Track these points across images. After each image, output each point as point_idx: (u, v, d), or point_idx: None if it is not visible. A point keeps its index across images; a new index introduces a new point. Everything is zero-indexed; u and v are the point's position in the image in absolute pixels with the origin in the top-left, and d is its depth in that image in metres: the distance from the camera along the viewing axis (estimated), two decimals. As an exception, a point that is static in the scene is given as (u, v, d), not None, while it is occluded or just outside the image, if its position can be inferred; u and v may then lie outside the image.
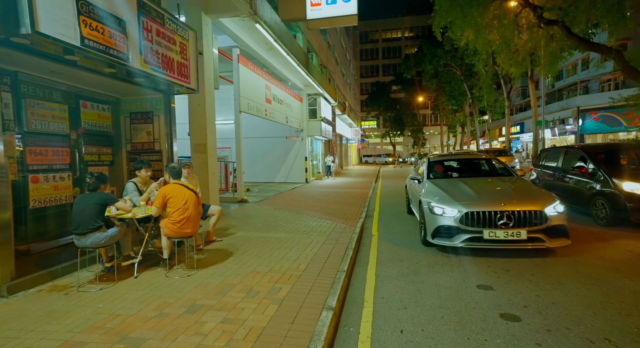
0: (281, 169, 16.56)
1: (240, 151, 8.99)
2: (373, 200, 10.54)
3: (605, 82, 29.50)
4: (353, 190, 12.86)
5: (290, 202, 9.70)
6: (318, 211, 8.09)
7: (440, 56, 36.33)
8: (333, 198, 10.62)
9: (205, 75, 6.83)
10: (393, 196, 11.35)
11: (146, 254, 4.31)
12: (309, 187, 14.09)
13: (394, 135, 64.10)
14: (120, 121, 5.52)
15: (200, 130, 6.90)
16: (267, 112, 11.16)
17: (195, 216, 3.72)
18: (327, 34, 23.82)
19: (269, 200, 9.94)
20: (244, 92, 9.21)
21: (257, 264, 4.13)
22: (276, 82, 12.33)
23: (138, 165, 4.26)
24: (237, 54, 8.87)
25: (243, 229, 6.07)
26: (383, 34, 68.21)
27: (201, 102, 6.83)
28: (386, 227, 6.54)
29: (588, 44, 12.98)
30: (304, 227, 6.22)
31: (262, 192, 12.08)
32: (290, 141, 16.33)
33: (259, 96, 10.40)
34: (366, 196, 11.28)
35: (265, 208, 8.37)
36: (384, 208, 8.90)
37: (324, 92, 16.22)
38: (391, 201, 10.23)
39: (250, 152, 16.64)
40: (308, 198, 10.59)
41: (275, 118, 12.07)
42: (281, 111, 12.79)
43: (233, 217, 7.24)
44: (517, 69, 17.80)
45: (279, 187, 14.21)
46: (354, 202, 9.62)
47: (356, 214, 7.73)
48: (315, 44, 18.84)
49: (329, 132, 18.83)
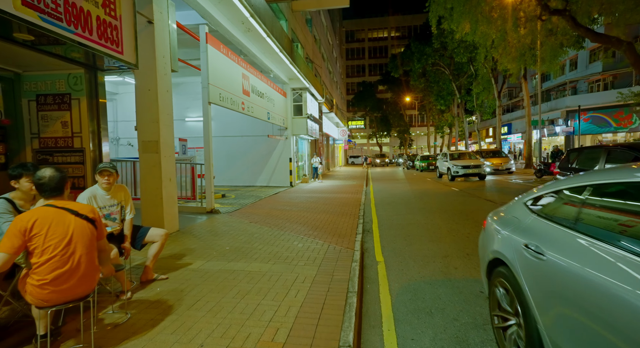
0: (263, 171, 14.95)
1: (209, 151, 7.37)
2: (368, 208, 9.10)
3: (595, 82, 29.18)
4: (343, 196, 11.40)
5: (272, 211, 8.15)
6: (304, 225, 6.57)
7: (429, 55, 35.47)
8: (322, 206, 9.12)
9: (158, 51, 5.22)
10: (390, 203, 9.94)
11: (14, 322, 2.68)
12: (294, 192, 12.55)
13: (380, 136, 63.29)
14: (20, 106, 3.85)
15: (151, 123, 5.27)
16: (245, 105, 9.57)
17: (89, 265, 2.11)
18: (313, 26, 22.34)
19: (246, 210, 8.34)
20: (214, 80, 7.60)
21: (208, 332, 2.57)
22: (256, 72, 10.74)
23: (15, 171, 2.64)
24: (206, 31, 7.25)
25: (204, 256, 4.49)
26: (369, 34, 67.36)
27: (152, 86, 5.21)
28: (393, 249, 5.08)
29: (596, 36, 11.93)
30: (287, 251, 4.70)
31: (240, 199, 10.46)
32: (273, 140, 14.75)
33: (234, 86, 8.80)
34: (359, 203, 9.84)
35: (239, 222, 6.78)
36: (383, 219, 7.46)
37: (311, 86, 14.73)
38: (389, 208, 8.81)
39: (228, 153, 14.97)
40: (293, 206, 9.06)
41: (255, 113, 10.48)
42: (262, 106, 11.21)
43: (196, 235, 5.63)
44: (515, 65, 16.79)
45: (260, 192, 12.60)
46: (346, 211, 8.15)
47: (351, 228, 6.26)
48: (301, 36, 17.33)
49: (316, 131, 17.35)
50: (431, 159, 27.59)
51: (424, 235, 5.88)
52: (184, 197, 7.66)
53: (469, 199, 10.05)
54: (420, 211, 8.32)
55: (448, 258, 4.56)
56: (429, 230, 6.26)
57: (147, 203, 5.36)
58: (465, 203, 9.35)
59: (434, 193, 11.82)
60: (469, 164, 16.34)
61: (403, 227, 6.56)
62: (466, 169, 16.16)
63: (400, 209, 8.73)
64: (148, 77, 5.20)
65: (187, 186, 7.77)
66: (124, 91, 14.99)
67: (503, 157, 20.40)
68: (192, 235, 5.61)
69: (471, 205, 8.99)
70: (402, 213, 8.08)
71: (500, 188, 12.61)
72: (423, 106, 53.74)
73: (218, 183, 14.89)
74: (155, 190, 5.30)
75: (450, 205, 9.10)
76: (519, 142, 40.12)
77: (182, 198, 7.79)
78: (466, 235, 5.73)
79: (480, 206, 8.73)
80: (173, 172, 5.63)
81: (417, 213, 8.07)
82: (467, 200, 9.81)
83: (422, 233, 6.03)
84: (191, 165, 7.63)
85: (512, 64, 16.41)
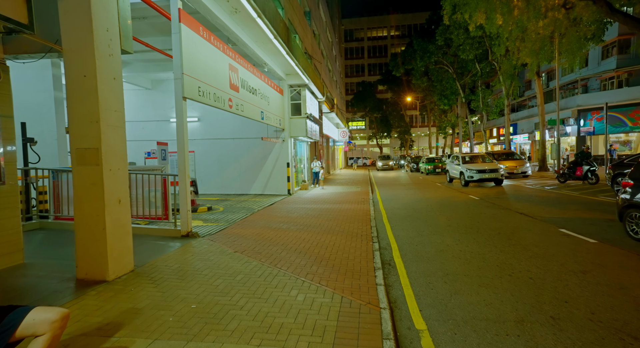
0: (257, 177, 13.40)
1: (184, 158, 5.83)
2: (380, 224, 7.56)
3: (608, 80, 27.76)
4: (349, 207, 9.87)
5: (264, 232, 6.60)
6: (305, 254, 5.03)
7: (432, 52, 34.00)
8: (325, 222, 7.58)
9: (96, 21, 3.68)
10: (405, 217, 8.39)
11: None
12: (292, 202, 11.00)
13: (380, 137, 61.80)
14: None
15: (88, 123, 3.72)
16: (233, 103, 8.03)
17: None
18: (311, 19, 20.83)
19: (233, 230, 6.79)
20: (192, 69, 6.07)
21: None
22: (247, 64, 9.21)
23: None
24: (178, 7, 5.71)
25: (151, 327, 2.93)
26: (368, 33, 66.02)
27: (89, 71, 3.67)
28: (434, 302, 3.53)
29: (637, 22, 10.48)
30: (280, 312, 3.16)
31: (228, 213, 8.90)
32: (268, 144, 13.21)
33: (218, 79, 7.26)
34: (368, 216, 8.31)
35: (220, 252, 5.23)
36: (404, 242, 5.92)
37: (310, 82, 13.20)
38: (406, 225, 7.26)
39: (219, 157, 13.42)
40: (290, 223, 7.51)
41: (246, 112, 8.95)
42: (255, 103, 9.68)
43: (155, 279, 4.08)
44: (534, 59, 15.31)
45: (254, 202, 11.05)
46: (356, 230, 6.61)
47: (366, 259, 4.74)
48: (300, 29, 15.81)
49: (316, 132, 15.82)
50: (437, 161, 26.09)
51: (468, 273, 4.35)
52: (154, 216, 6.11)
53: (498, 212, 8.53)
54: (446, 230, 6.79)
55: (524, 324, 3.02)
56: (470, 263, 4.72)
57: (83, 236, 3.81)
58: (496, 218, 7.82)
59: (452, 203, 10.29)
60: (485, 167, 14.85)
61: (434, 258, 5.02)
62: (482, 174, 14.66)
63: (421, 227, 7.20)
64: (82, 58, 3.66)
65: (157, 203, 6.20)
66: (102, 89, 13.38)
67: (517, 160, 18.93)
68: (150, 278, 4.05)
69: (505, 221, 7.47)
70: (425, 234, 6.55)
71: (526, 197, 11.10)
72: (424, 106, 52.38)
73: (207, 191, 13.34)
74: (94, 218, 3.75)
75: (480, 220, 7.57)
76: (525, 143, 38.72)
77: (151, 219, 6.23)
78: (527, 275, 4.19)
79: (518, 223, 7.20)
80: (124, 190, 4.07)
81: (443, 233, 6.54)
82: (496, 214, 8.29)
83: (464, 269, 4.49)
84: (163, 177, 6.07)
85: (530, 57, 14.91)
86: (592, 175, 13.37)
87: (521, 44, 14.62)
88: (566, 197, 10.61)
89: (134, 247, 4.46)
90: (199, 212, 9.00)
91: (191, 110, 13.46)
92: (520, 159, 19.27)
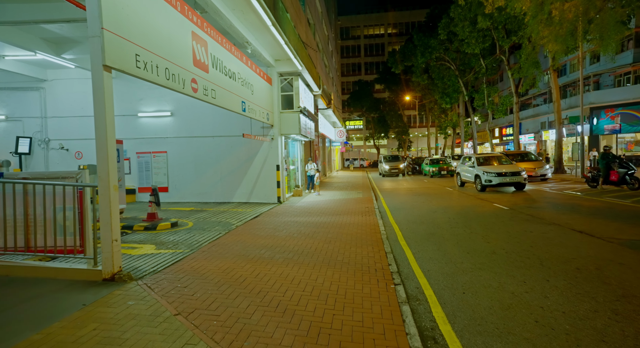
0: (242, 183, 11.33)
1: (106, 159, 3.77)
2: (397, 248, 5.53)
3: (623, 75, 26.08)
4: (352, 219, 7.86)
5: (235, 267, 4.55)
6: (292, 318, 3.00)
7: (434, 47, 32.14)
8: (322, 245, 5.55)
9: None
10: (427, 237, 6.35)
11: None
12: (281, 214, 8.95)
13: (377, 138, 59.95)
14: None
15: None
16: (199, 85, 5.98)
17: None
18: (306, 5, 18.82)
19: (190, 264, 4.73)
20: (121, 25, 4.02)
21: None
22: (221, 37, 7.17)
23: None
24: None
25: None
26: (365, 31, 64.21)
27: None
28: None
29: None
30: None
31: (197, 230, 6.83)
32: (255, 142, 11.16)
33: (174, 48, 5.22)
34: (378, 234, 6.33)
35: (148, 319, 3.18)
36: (442, 285, 3.89)
37: (304, 70, 11.17)
38: (433, 251, 5.22)
39: (197, 159, 11.36)
40: (276, 248, 5.47)
41: (220, 100, 6.90)
42: (233, 90, 7.63)
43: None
44: (560, 46, 13.43)
45: (234, 214, 8.99)
46: (365, 260, 4.59)
47: (392, 326, 2.72)
48: (292, 10, 13.79)
49: (311, 129, 13.80)
50: (442, 162, 24.15)
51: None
52: (62, 248, 4.01)
53: (547, 230, 6.55)
54: (493, 261, 4.79)
55: None
56: (583, 344, 2.72)
57: None
58: (552, 239, 5.84)
59: (479, 215, 8.31)
60: (505, 170, 12.92)
61: (506, 326, 3.01)
62: (502, 178, 12.73)
63: (454, 253, 5.19)
64: None
65: (69, 227, 4.10)
66: (55, 77, 11.31)
67: (535, 161, 17.05)
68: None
69: (569, 245, 5.48)
70: (466, 267, 4.54)
71: (567, 207, 9.15)
72: (423, 106, 50.61)
73: (182, 199, 11.26)
74: None
75: (533, 244, 5.58)
76: (530, 143, 37.03)
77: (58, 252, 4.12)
78: None
79: (591, 249, 5.21)
80: None
81: (492, 267, 4.54)
82: (547, 233, 6.31)
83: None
84: (78, 188, 3.99)
85: (557, 44, 13.02)
86: (632, 179, 11.49)
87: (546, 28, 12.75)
88: (619, 207, 8.67)
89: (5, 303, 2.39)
90: (157, 230, 6.93)
91: (162, 102, 11.38)
92: (537, 159, 17.41)
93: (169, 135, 11.44)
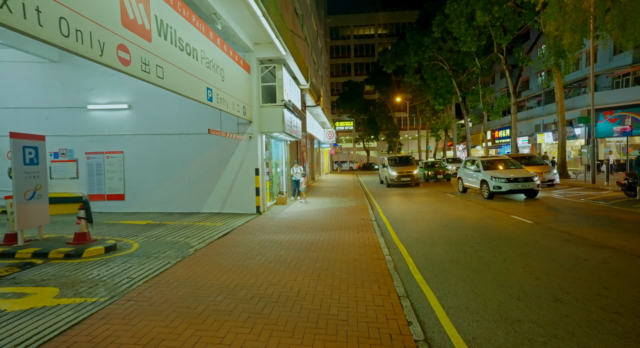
0: (214, 189, 9.51)
1: None
2: (412, 286, 3.84)
3: (622, 77, 25.28)
4: (346, 237, 6.15)
5: (166, 337, 2.78)
6: None
7: (427, 46, 30.85)
8: (309, 282, 3.82)
9: None
10: (449, 264, 4.67)
11: None
12: (258, 230, 7.17)
13: (367, 140, 58.58)
14: None
15: None
16: (132, 54, 4.19)
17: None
18: (293, -8, 17.10)
19: (86, 339, 2.94)
20: None
21: None
22: (180, 3, 5.39)
23: None
24: None
25: None
26: (355, 31, 62.98)
27: None
28: None
29: None
30: None
31: (138, 259, 4.99)
32: (229, 142, 9.37)
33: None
34: (382, 261, 4.62)
35: None
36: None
37: (289, 56, 9.44)
38: (467, 294, 3.52)
39: (160, 161, 9.50)
40: (242, 290, 3.71)
41: (171, 81, 5.12)
42: (193, 72, 5.84)
43: None
44: (574, 37, 12.10)
45: (200, 229, 7.17)
46: (371, 313, 2.88)
47: None
48: (276, -7, 12.02)
49: (298, 128, 12.07)
50: (437, 166, 22.75)
51: None
52: None
53: (606, 256, 4.99)
54: (573, 320, 3.15)
55: None
56: None
57: None
58: (634, 277, 4.27)
59: (501, 232, 6.72)
60: (514, 176, 11.47)
61: None
62: (512, 184, 11.27)
63: (497, 299, 3.54)
64: None
65: None
66: (-16, 60, 9.25)
67: (540, 165, 15.72)
68: None
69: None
70: (531, 334, 2.88)
71: (603, 220, 7.66)
72: (414, 108, 49.52)
73: (141, 209, 9.40)
74: None
75: (605, 281, 3.99)
76: (524, 147, 36.11)
77: None
78: None
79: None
80: None
81: (579, 334, 2.90)
82: (610, 260, 4.74)
83: None
84: None
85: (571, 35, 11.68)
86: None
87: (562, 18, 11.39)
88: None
89: None
90: (83, 258, 5.07)
91: (118, 92, 9.49)
92: (543, 163, 16.10)
93: (126, 133, 9.53)
